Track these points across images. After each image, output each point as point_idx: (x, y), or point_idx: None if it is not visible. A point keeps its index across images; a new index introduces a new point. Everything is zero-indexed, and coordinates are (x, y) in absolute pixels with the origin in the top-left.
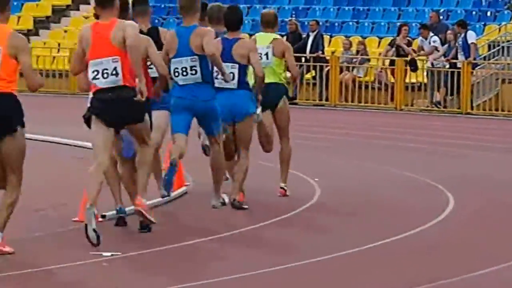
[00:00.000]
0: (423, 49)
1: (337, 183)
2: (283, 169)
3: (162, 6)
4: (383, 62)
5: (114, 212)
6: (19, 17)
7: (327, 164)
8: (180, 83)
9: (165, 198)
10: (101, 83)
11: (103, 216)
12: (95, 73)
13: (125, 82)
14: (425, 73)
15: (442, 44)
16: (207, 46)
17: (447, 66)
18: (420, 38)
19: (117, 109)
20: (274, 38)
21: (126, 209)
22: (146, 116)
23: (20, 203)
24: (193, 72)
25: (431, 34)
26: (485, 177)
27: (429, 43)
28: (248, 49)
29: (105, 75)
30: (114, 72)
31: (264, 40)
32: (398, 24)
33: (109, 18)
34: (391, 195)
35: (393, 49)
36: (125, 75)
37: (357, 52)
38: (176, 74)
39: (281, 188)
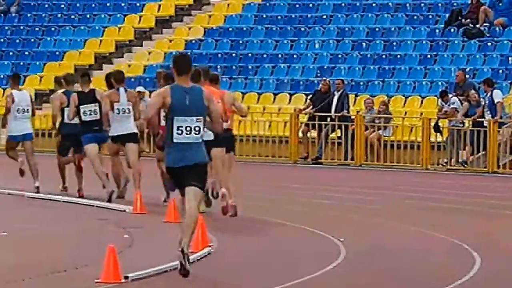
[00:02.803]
0: (442, 111)
1: (363, 244)
2: None
3: None
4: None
5: (138, 272)
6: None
7: (354, 224)
8: None
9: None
10: None
11: (126, 277)
12: None
13: None
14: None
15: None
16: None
17: (466, 125)
18: (440, 101)
19: None
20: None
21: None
22: None
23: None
24: None
25: (450, 95)
26: None
27: (449, 105)
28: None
29: None
30: None
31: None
32: (424, 82)
33: None
34: (418, 255)
35: None
36: None
37: (379, 111)
38: None
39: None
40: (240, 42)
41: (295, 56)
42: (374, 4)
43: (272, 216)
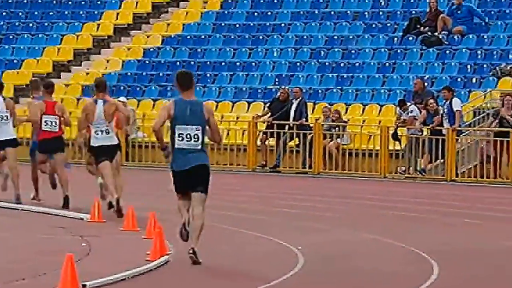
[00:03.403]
0: (400, 119)
1: (321, 252)
2: None
3: None
4: (487, 134)
5: (96, 281)
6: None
7: (311, 233)
8: None
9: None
10: None
11: (84, 286)
12: None
13: None
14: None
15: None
16: None
17: (425, 133)
18: (398, 109)
19: None
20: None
21: None
22: None
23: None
24: None
25: (409, 103)
26: (471, 246)
27: (407, 113)
28: None
29: None
30: None
31: None
32: (382, 90)
33: None
34: (375, 263)
35: (497, 121)
36: None
37: (333, 120)
38: None
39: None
40: (198, 50)
41: (253, 64)
42: (332, 12)
43: (231, 224)
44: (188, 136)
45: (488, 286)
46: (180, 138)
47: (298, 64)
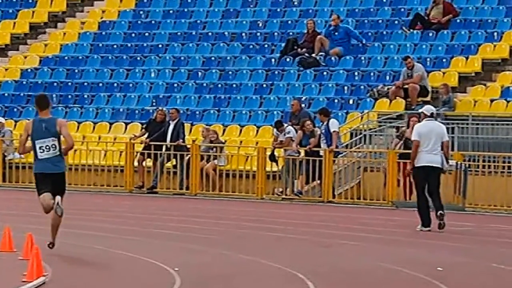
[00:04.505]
0: (277, 140)
1: (198, 273)
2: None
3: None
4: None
5: None
6: None
7: (189, 254)
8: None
9: None
10: None
11: None
12: None
13: None
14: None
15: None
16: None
17: (302, 154)
18: (275, 130)
19: None
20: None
21: None
22: None
23: None
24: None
25: (286, 124)
26: (348, 267)
27: (284, 134)
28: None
29: None
30: None
31: None
32: (260, 111)
33: None
34: (252, 284)
35: (401, 141)
36: None
37: (211, 141)
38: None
39: None
40: (76, 71)
41: (131, 85)
42: (210, 33)
43: (107, 245)
44: (47, 147)
45: None
46: (41, 150)
47: (175, 85)
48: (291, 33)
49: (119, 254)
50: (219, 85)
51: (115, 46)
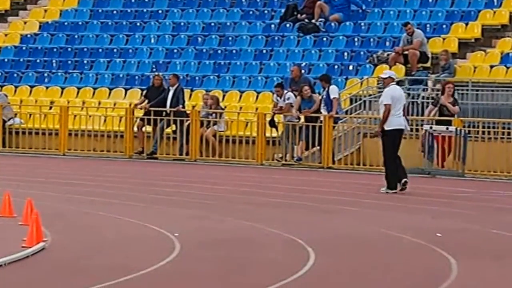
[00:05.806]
0: (277, 106)
1: (198, 238)
2: None
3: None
4: (428, 122)
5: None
6: None
7: (188, 219)
8: None
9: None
10: None
11: None
12: None
13: None
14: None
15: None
16: None
17: (302, 120)
18: (275, 96)
19: None
20: None
21: None
22: None
23: None
24: None
25: (286, 91)
26: (349, 233)
27: (284, 100)
28: None
29: None
30: None
31: None
32: (259, 77)
33: None
34: (252, 250)
35: (437, 108)
36: None
37: (210, 107)
38: None
39: None
40: (76, 36)
41: (130, 50)
42: None
43: (106, 211)
44: None
45: (364, 273)
46: None
47: (175, 50)
48: None
49: (118, 220)
50: (219, 51)
51: (114, 12)
